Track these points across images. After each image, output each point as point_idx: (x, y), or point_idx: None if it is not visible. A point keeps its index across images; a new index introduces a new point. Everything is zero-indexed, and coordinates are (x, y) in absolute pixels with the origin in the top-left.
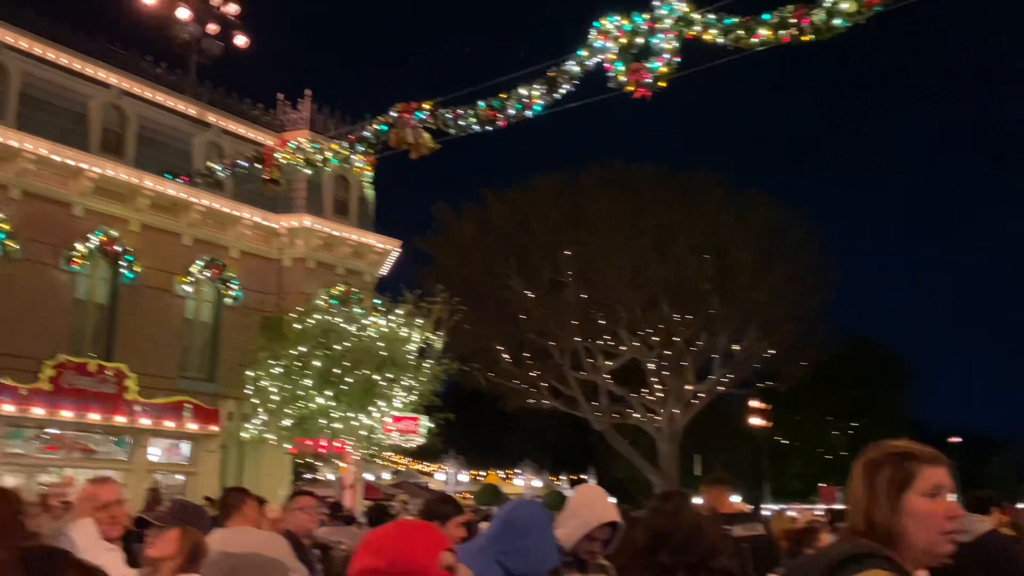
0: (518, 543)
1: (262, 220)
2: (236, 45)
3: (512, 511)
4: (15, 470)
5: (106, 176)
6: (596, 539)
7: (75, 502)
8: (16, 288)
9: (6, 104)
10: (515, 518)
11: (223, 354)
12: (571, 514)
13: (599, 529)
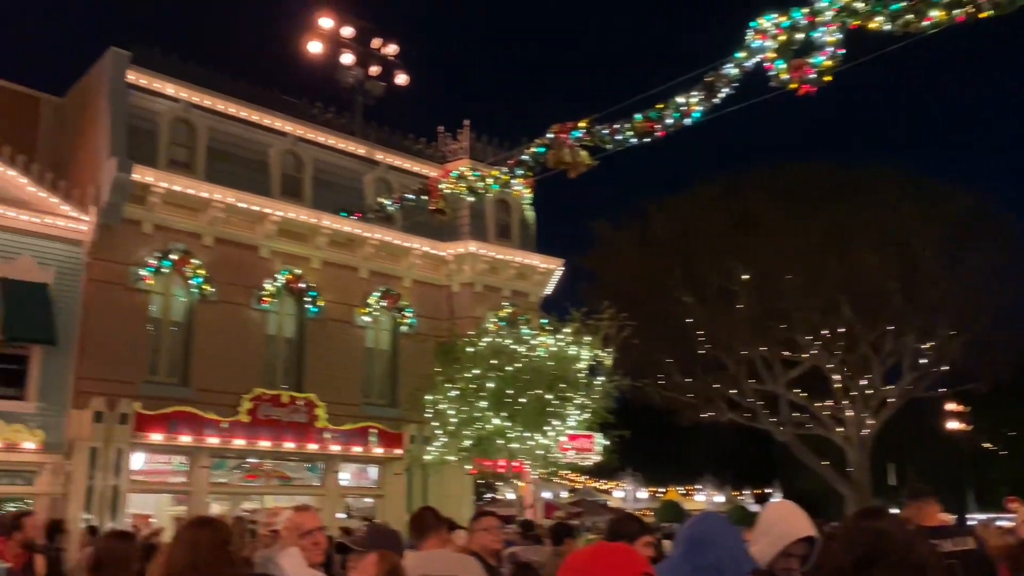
0: (709, 558)
1: (431, 249)
2: (397, 83)
3: (697, 526)
4: (221, 498)
5: (287, 218)
6: (792, 555)
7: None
8: (214, 328)
9: (196, 159)
10: (702, 533)
11: (402, 380)
12: (764, 531)
13: (795, 545)
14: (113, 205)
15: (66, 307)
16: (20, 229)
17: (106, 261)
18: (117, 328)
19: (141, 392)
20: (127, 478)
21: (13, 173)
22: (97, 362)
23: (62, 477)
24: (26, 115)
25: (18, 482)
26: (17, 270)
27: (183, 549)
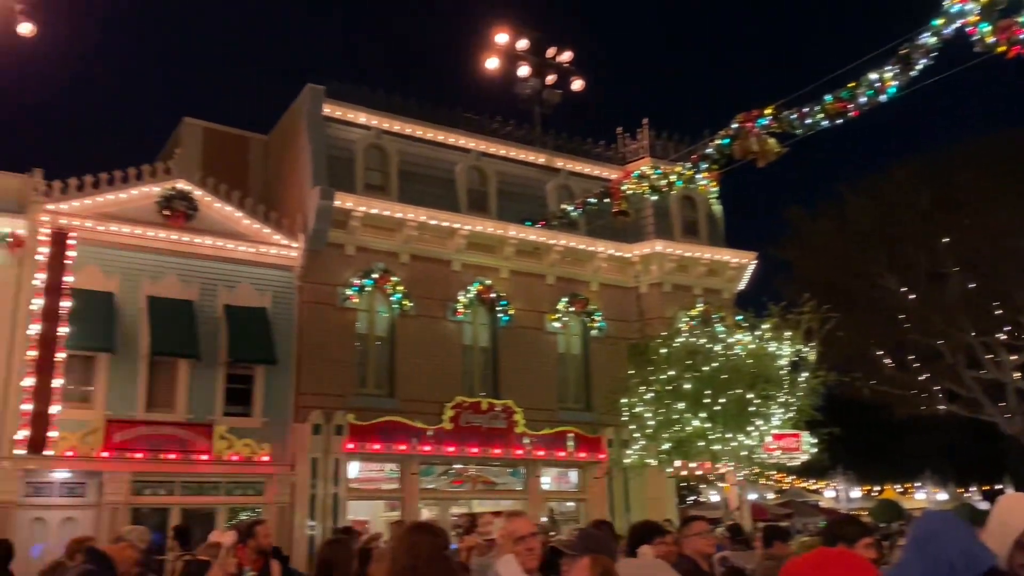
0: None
1: (616, 252)
2: (573, 90)
3: (923, 525)
4: (430, 504)
5: (476, 231)
6: None
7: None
8: (415, 341)
9: (389, 182)
10: (929, 531)
11: (595, 384)
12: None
13: None
14: (318, 231)
15: (283, 328)
16: (239, 259)
17: (315, 284)
18: (329, 345)
19: (353, 404)
20: (345, 486)
21: (230, 209)
22: (313, 378)
23: (288, 487)
24: (237, 154)
25: (250, 492)
26: (238, 297)
27: (404, 553)
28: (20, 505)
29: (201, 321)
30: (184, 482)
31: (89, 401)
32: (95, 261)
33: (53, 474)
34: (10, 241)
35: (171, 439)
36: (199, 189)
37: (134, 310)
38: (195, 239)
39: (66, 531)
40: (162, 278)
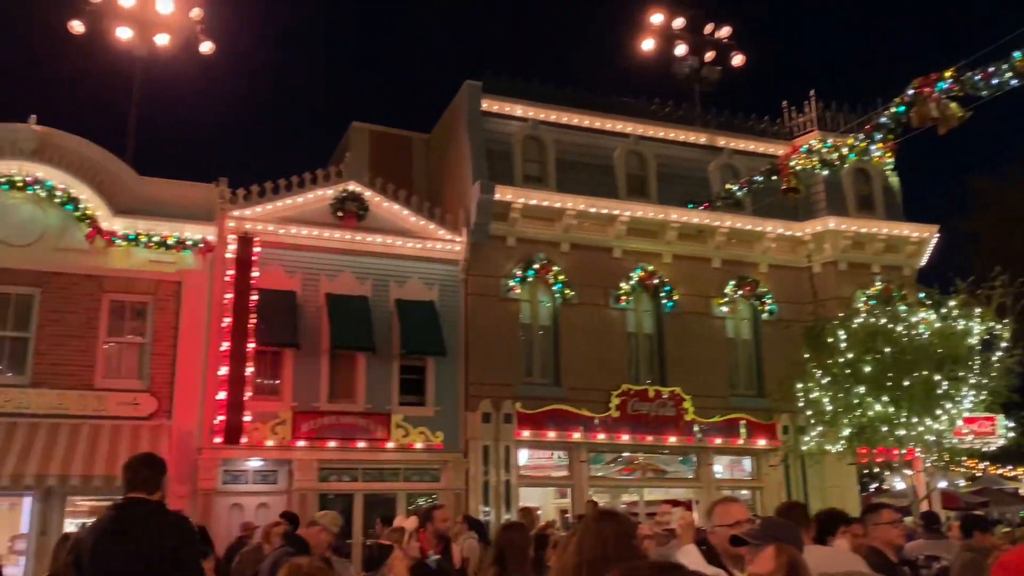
0: None
1: (785, 231)
2: (733, 65)
3: None
4: (600, 491)
5: (636, 217)
6: None
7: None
8: (578, 329)
9: (547, 172)
10: None
11: (767, 369)
12: None
13: None
14: (480, 224)
15: (450, 320)
16: (407, 255)
17: (479, 276)
18: (494, 336)
19: (520, 393)
20: (516, 473)
21: (398, 207)
22: (481, 368)
23: (462, 473)
24: (401, 154)
25: (427, 479)
26: (408, 291)
27: (591, 541)
28: (219, 492)
29: (375, 316)
30: (366, 469)
31: (277, 393)
32: (277, 262)
33: (248, 463)
34: (202, 246)
35: (352, 428)
36: (368, 190)
37: (314, 307)
38: (367, 238)
39: (260, 516)
40: (338, 276)
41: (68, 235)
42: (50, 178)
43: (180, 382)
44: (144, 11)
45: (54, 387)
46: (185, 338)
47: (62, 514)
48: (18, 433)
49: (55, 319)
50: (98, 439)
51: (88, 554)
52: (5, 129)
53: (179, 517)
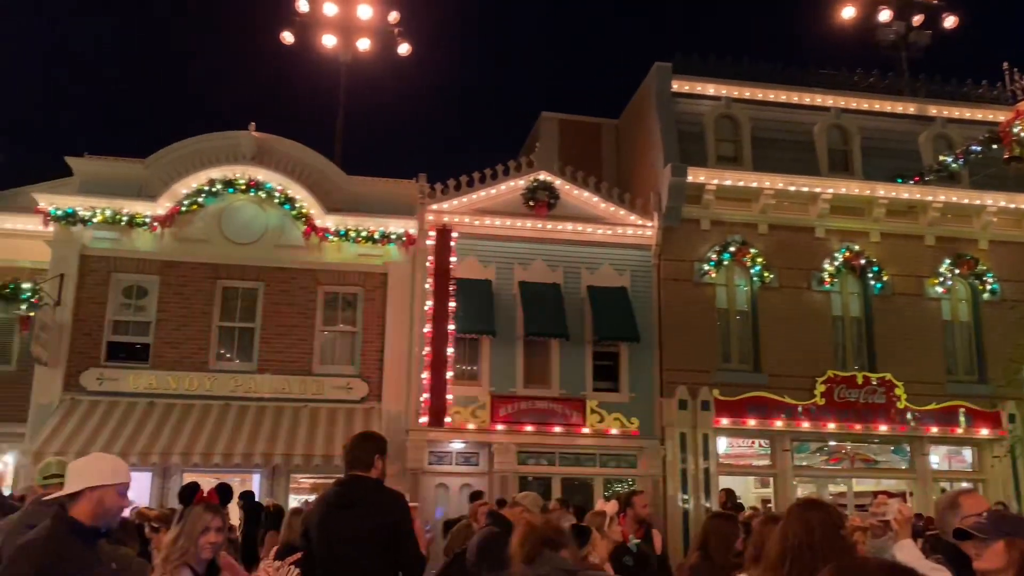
0: None
1: (1009, 203)
2: (944, 28)
3: None
4: (805, 481)
5: (839, 194)
6: None
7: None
8: (778, 314)
9: (742, 151)
10: None
11: (989, 352)
12: None
13: None
14: (673, 208)
15: (643, 306)
16: (598, 242)
17: (672, 260)
18: (689, 321)
19: (717, 380)
20: (716, 461)
21: (588, 194)
22: (676, 354)
23: (658, 460)
24: (591, 141)
25: (623, 465)
26: (600, 278)
27: (796, 529)
28: (425, 472)
29: (567, 302)
30: (563, 453)
31: (476, 378)
32: (473, 252)
33: (451, 445)
34: (405, 239)
35: (548, 413)
36: (558, 178)
37: (508, 295)
38: (558, 225)
39: (463, 496)
40: (531, 264)
41: (286, 233)
42: (269, 180)
43: (388, 368)
44: (346, 18)
45: (277, 373)
46: (391, 326)
47: (287, 490)
48: (247, 415)
49: (276, 311)
50: (316, 421)
51: (315, 526)
52: (228, 137)
53: (396, 494)
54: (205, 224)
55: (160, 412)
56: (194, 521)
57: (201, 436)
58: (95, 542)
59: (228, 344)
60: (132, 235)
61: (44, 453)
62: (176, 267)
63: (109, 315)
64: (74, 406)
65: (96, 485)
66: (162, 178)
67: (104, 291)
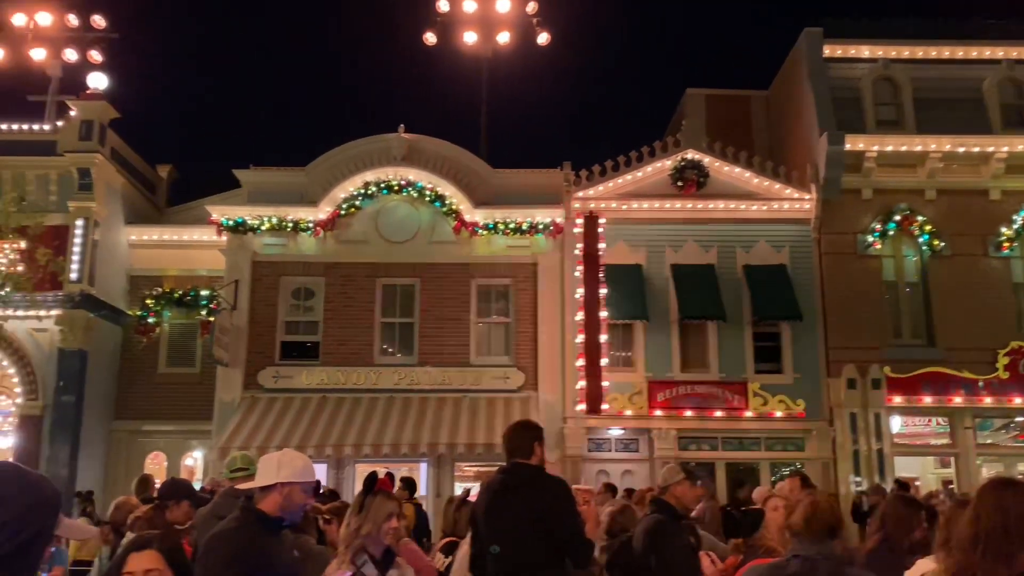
0: None
1: None
2: None
3: None
4: (991, 461)
5: (1016, 152)
6: None
7: None
8: (951, 284)
9: (903, 114)
10: None
11: None
12: None
13: None
14: (831, 179)
15: (803, 283)
16: (752, 219)
17: (833, 234)
18: (854, 296)
19: (887, 356)
20: (889, 441)
21: (739, 170)
22: (841, 331)
23: (828, 442)
24: (739, 115)
25: (791, 448)
26: (756, 256)
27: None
28: (585, 459)
29: (723, 283)
30: (725, 438)
31: (632, 365)
32: (622, 237)
33: (609, 431)
34: (552, 229)
35: (708, 397)
36: (707, 156)
37: (661, 279)
38: (709, 204)
39: (625, 482)
40: (682, 246)
41: (438, 229)
42: (419, 179)
43: (542, 357)
44: (486, 14)
45: (437, 365)
46: (544, 316)
47: (452, 478)
48: (411, 407)
49: (433, 305)
50: (476, 411)
51: (481, 512)
52: (379, 140)
53: (558, 479)
54: (363, 225)
55: (331, 406)
56: (378, 509)
57: (370, 428)
58: (279, 532)
59: (390, 339)
60: (297, 240)
61: (229, 448)
62: (339, 268)
63: (281, 316)
64: (254, 403)
65: (287, 481)
66: (321, 184)
67: (275, 294)
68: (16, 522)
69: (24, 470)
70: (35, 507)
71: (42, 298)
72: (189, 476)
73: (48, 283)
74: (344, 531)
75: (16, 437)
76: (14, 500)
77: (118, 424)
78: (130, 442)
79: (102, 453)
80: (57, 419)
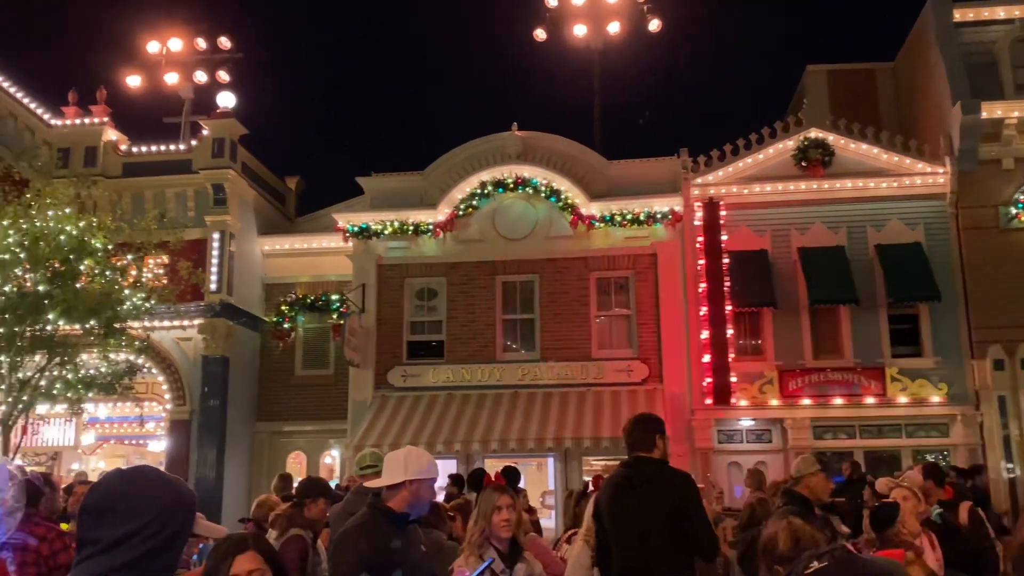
0: None
1: None
2: None
3: None
4: None
5: None
6: None
7: None
8: None
9: None
10: None
11: None
12: None
13: None
14: (966, 150)
15: (941, 261)
16: (882, 196)
17: (972, 207)
18: (998, 273)
19: None
20: None
21: (866, 146)
22: (985, 310)
23: (975, 428)
24: (864, 89)
25: (933, 434)
26: (888, 235)
27: None
28: (716, 451)
29: (854, 265)
30: (863, 426)
31: (760, 353)
32: (744, 222)
33: (739, 423)
34: (671, 218)
35: (841, 384)
36: (831, 133)
37: (787, 263)
38: (835, 184)
39: None
40: (809, 228)
41: (555, 224)
42: (534, 176)
43: (666, 348)
44: (594, 5)
45: (559, 360)
46: (666, 306)
47: (580, 472)
48: (536, 402)
49: (552, 299)
50: (600, 404)
51: (605, 507)
52: (493, 139)
53: (682, 473)
54: (480, 225)
55: (458, 403)
56: (485, 502)
57: (496, 424)
58: (406, 527)
59: (512, 335)
60: (419, 242)
61: (363, 446)
62: (459, 268)
63: (406, 317)
64: (384, 402)
65: (414, 479)
66: (439, 186)
67: (400, 296)
68: (155, 522)
69: (162, 473)
70: (173, 508)
71: (185, 309)
72: (328, 474)
73: (190, 294)
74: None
75: (168, 441)
76: (154, 501)
77: (260, 425)
78: (271, 442)
79: (246, 454)
80: (204, 423)
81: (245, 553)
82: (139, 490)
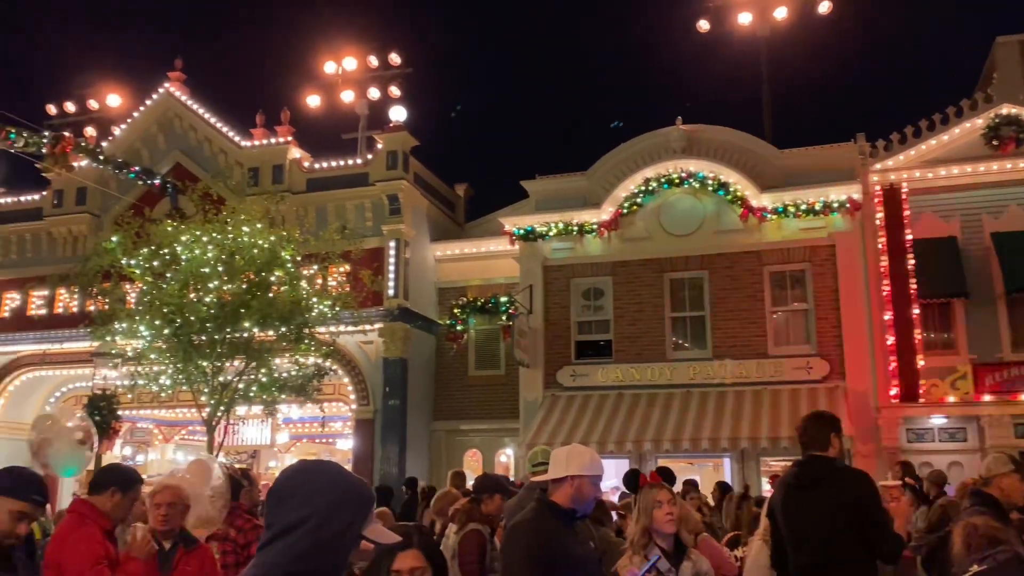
0: None
1: None
2: None
3: None
4: None
5: None
6: None
7: None
8: None
9: None
10: None
11: None
12: None
13: None
14: None
15: None
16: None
17: None
18: None
19: None
20: None
21: None
22: None
23: None
24: None
25: None
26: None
27: None
28: (903, 450)
29: None
30: None
31: (952, 347)
32: (930, 208)
33: (930, 420)
34: (848, 206)
35: None
36: None
37: (979, 249)
38: None
39: (953, 475)
40: (1003, 212)
41: (723, 218)
42: (700, 169)
43: (848, 343)
44: None
45: (733, 358)
46: (846, 299)
47: (758, 473)
48: (709, 401)
49: (724, 296)
50: (778, 403)
51: (779, 508)
52: (657, 135)
53: (859, 472)
54: (646, 222)
55: (628, 402)
56: (644, 499)
57: (668, 423)
58: (573, 523)
59: (681, 333)
60: (584, 242)
61: (534, 444)
62: (625, 266)
63: (573, 317)
64: (554, 401)
65: (577, 475)
66: (603, 185)
67: (567, 296)
68: (322, 514)
69: (343, 470)
70: (341, 505)
71: (366, 314)
72: (504, 471)
73: (370, 300)
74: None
75: (354, 439)
76: (320, 496)
77: (437, 424)
78: (448, 440)
79: (425, 451)
80: (386, 422)
81: (408, 550)
82: (314, 480)
